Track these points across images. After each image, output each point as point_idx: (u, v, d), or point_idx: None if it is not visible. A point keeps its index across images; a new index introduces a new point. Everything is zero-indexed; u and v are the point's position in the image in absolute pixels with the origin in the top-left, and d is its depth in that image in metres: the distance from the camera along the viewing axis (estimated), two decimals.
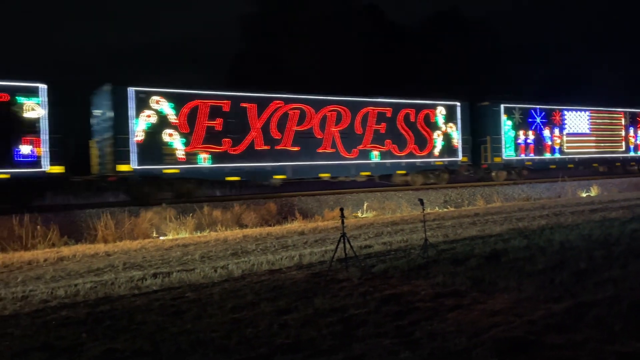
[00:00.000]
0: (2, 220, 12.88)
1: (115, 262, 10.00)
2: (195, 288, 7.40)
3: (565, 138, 27.08)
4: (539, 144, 26.16)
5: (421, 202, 9.61)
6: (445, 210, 18.69)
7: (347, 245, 8.29)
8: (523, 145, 25.67)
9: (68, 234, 13.13)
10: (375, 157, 21.06)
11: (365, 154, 20.90)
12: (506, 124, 24.89)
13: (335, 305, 6.02)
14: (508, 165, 25.19)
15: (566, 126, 27.20)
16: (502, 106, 24.79)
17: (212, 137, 17.76)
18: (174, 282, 7.97)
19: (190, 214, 15.04)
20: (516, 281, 6.82)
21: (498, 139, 24.63)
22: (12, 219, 12.79)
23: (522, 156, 25.65)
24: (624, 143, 29.65)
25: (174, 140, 17.11)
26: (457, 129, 23.22)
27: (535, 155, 25.99)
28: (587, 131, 28.05)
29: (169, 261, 9.91)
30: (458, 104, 23.44)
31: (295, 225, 15.19)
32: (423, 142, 22.32)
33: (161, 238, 13.53)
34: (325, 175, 20.22)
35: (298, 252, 10.04)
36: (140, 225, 13.98)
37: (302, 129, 19.50)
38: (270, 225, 15.34)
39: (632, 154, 30.24)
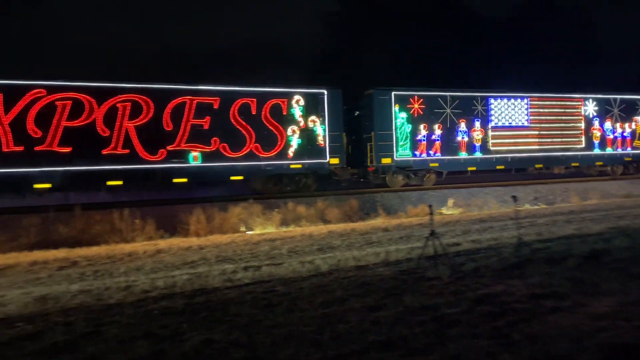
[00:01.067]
0: (103, 214, 13.80)
1: (207, 255, 10.43)
2: (284, 282, 7.55)
3: (490, 132, 21.56)
4: (451, 141, 20.87)
5: (514, 198, 9.23)
6: (537, 207, 17.84)
7: (436, 243, 8.12)
8: (424, 142, 20.37)
9: (163, 227, 13.84)
10: (194, 159, 16.94)
11: (179, 155, 16.81)
12: (399, 116, 19.93)
13: (426, 304, 5.91)
14: (403, 167, 20.14)
15: (492, 117, 21.62)
16: (393, 94, 19.86)
17: None
18: (264, 275, 8.18)
19: (275, 210, 15.37)
20: (620, 283, 6.38)
21: (387, 135, 19.72)
22: (112, 213, 13.67)
23: (423, 156, 20.34)
24: (584, 138, 23.32)
25: None
26: (323, 124, 18.65)
27: (444, 154, 20.72)
28: (526, 123, 22.17)
29: (257, 255, 10.18)
30: (324, 92, 18.80)
31: (379, 221, 15.11)
32: (270, 140, 17.96)
33: (249, 233, 13.94)
34: (115, 183, 16.15)
35: (384, 249, 9.97)
36: (229, 220, 14.48)
37: (76, 124, 15.56)
38: (353, 221, 15.37)
39: (597, 151, 23.56)
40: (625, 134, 24.36)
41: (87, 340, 5.21)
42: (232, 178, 17.58)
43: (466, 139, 21.18)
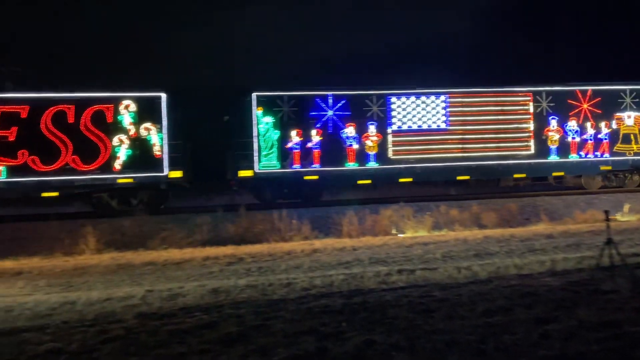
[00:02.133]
0: (265, 215, 14.71)
1: (361, 256, 10.59)
2: (441, 287, 7.37)
3: (390, 138, 17.65)
4: (336, 149, 17.25)
5: None
6: None
7: (613, 252, 7.33)
8: (298, 151, 17.06)
9: (318, 228, 14.36)
10: None
11: None
12: (262, 121, 16.89)
13: (604, 319, 5.36)
14: (270, 180, 17.11)
15: (393, 120, 17.62)
16: (255, 95, 16.82)
17: None
18: (419, 279, 8.07)
19: (427, 213, 15.11)
20: None
21: (247, 143, 16.74)
22: (272, 214, 14.52)
23: (297, 167, 17.06)
24: (533, 142, 18.27)
25: None
26: (160, 132, 16.15)
27: (324, 165, 17.14)
28: (443, 126, 17.81)
29: (410, 258, 10.09)
30: (162, 95, 16.28)
31: (541, 227, 14.09)
32: (91, 152, 15.73)
33: (400, 235, 13.88)
34: None
35: (549, 257, 9.28)
36: (380, 222, 14.55)
37: None
38: (511, 227, 14.53)
39: (552, 158, 18.37)
40: (600, 136, 18.69)
41: (256, 332, 5.57)
42: (44, 194, 15.62)
43: (356, 146, 17.44)
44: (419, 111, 17.78)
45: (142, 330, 5.83)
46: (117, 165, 15.95)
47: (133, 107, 16.06)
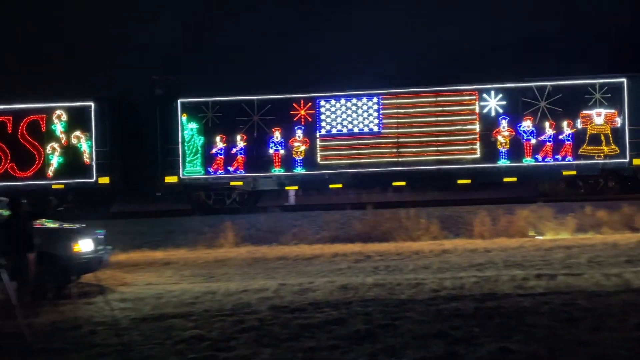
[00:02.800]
0: (392, 213, 14.60)
1: (494, 258, 10.08)
2: (586, 296, 6.75)
3: (319, 143, 16.53)
4: (260, 155, 16.75)
5: None
6: None
7: None
8: (222, 157, 16.74)
9: (447, 228, 13.94)
10: None
11: None
12: (187, 127, 16.78)
13: None
14: (194, 186, 16.85)
15: (323, 124, 16.65)
16: (180, 102, 16.79)
17: None
18: (560, 286, 7.47)
19: (570, 214, 13.96)
20: None
21: (173, 149, 16.74)
22: (399, 212, 14.36)
23: (220, 173, 16.70)
24: (479, 145, 16.49)
25: None
26: (89, 140, 16.68)
27: (249, 171, 16.70)
28: (376, 129, 16.59)
29: (551, 263, 9.39)
30: (92, 104, 16.92)
31: None
32: (27, 159, 16.56)
33: (539, 237, 12.99)
34: None
35: None
36: (516, 223, 13.72)
37: None
38: None
39: (502, 162, 16.45)
40: (562, 137, 16.37)
41: (384, 331, 5.53)
42: None
43: (282, 151, 16.75)
44: (349, 114, 16.88)
45: (275, 322, 6.07)
46: (50, 172, 16.80)
47: (65, 116, 16.90)
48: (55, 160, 16.88)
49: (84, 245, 8.20)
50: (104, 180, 16.84)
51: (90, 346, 5.58)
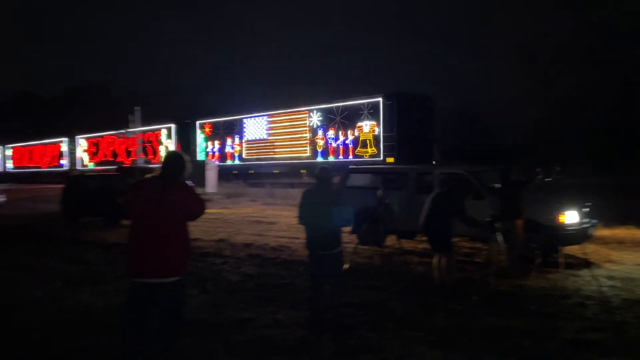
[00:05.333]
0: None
1: None
2: None
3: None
4: None
5: None
6: None
7: None
8: None
9: None
10: None
11: None
12: None
13: None
14: None
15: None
16: None
17: None
18: None
19: None
20: None
21: None
22: None
23: None
24: (308, 147, 25.03)
25: None
26: None
27: None
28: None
29: None
30: None
31: None
32: None
33: None
34: None
35: None
36: None
37: None
38: None
39: (320, 159, 24.17)
40: (347, 142, 23.63)
41: None
42: None
43: None
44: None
45: None
46: None
47: None
48: None
49: (569, 217, 8.13)
50: None
51: (581, 318, 5.52)
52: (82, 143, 39.96)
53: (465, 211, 6.58)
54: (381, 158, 21.50)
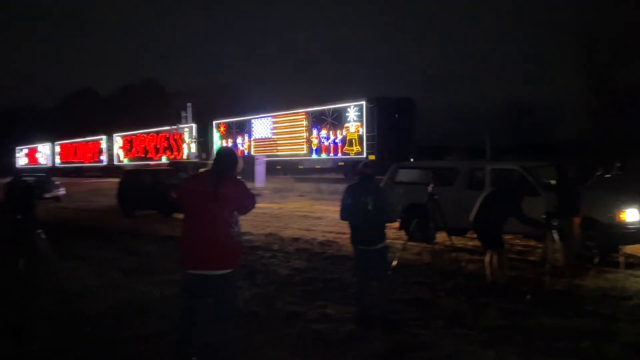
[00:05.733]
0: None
1: None
2: None
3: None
4: None
5: None
6: None
7: None
8: None
9: None
10: None
11: None
12: None
13: None
14: None
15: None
16: None
17: None
18: None
19: None
20: None
21: None
22: None
23: None
24: (305, 145, 27.82)
25: None
26: None
27: None
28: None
29: None
30: None
31: None
32: None
33: None
34: None
35: None
36: None
37: None
38: None
39: (315, 156, 27.08)
40: (337, 141, 26.08)
41: None
42: None
43: None
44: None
45: None
46: None
47: None
48: None
49: (630, 215, 7.77)
50: None
51: None
52: (118, 140, 43.06)
53: (522, 209, 6.41)
54: (364, 155, 23.61)
